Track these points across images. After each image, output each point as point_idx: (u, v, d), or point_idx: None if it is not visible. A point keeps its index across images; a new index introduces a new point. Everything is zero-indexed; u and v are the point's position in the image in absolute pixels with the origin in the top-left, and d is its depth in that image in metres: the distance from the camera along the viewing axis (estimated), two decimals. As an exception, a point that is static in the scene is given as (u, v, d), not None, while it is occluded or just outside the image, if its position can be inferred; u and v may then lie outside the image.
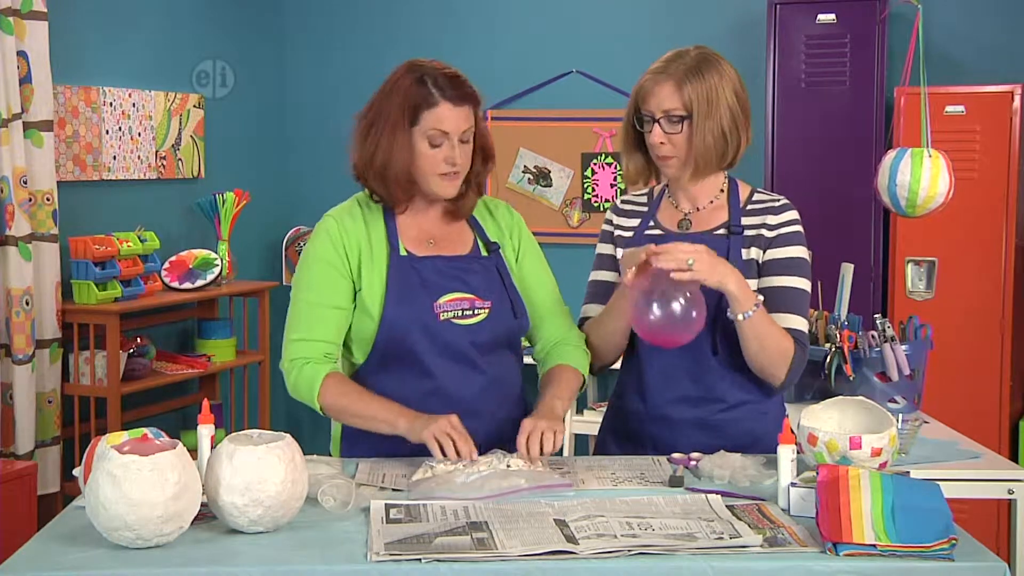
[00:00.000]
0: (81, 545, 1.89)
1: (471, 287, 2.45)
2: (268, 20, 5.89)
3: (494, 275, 2.49)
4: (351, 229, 2.45)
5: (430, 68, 2.42)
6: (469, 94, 2.42)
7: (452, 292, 2.43)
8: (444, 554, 1.83)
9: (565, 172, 5.64)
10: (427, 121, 2.38)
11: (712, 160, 2.44)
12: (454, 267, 2.46)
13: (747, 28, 5.21)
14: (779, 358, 2.40)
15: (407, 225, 2.49)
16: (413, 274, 2.43)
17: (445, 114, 2.38)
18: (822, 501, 1.92)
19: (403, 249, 2.46)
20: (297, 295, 2.47)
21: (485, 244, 2.53)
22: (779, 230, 2.48)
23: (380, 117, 2.41)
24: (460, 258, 2.48)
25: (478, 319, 2.44)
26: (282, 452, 1.96)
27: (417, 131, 2.39)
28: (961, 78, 4.81)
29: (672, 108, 2.41)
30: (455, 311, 2.42)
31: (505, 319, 2.47)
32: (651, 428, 2.50)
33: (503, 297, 2.48)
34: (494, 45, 5.69)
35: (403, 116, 2.38)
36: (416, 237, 2.49)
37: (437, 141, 2.38)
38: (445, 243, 2.50)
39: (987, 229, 4.61)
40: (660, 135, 2.43)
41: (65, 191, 4.49)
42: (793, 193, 2.84)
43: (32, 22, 4.23)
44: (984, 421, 4.52)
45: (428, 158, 2.39)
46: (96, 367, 4.41)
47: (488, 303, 2.45)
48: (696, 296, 2.27)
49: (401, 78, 2.42)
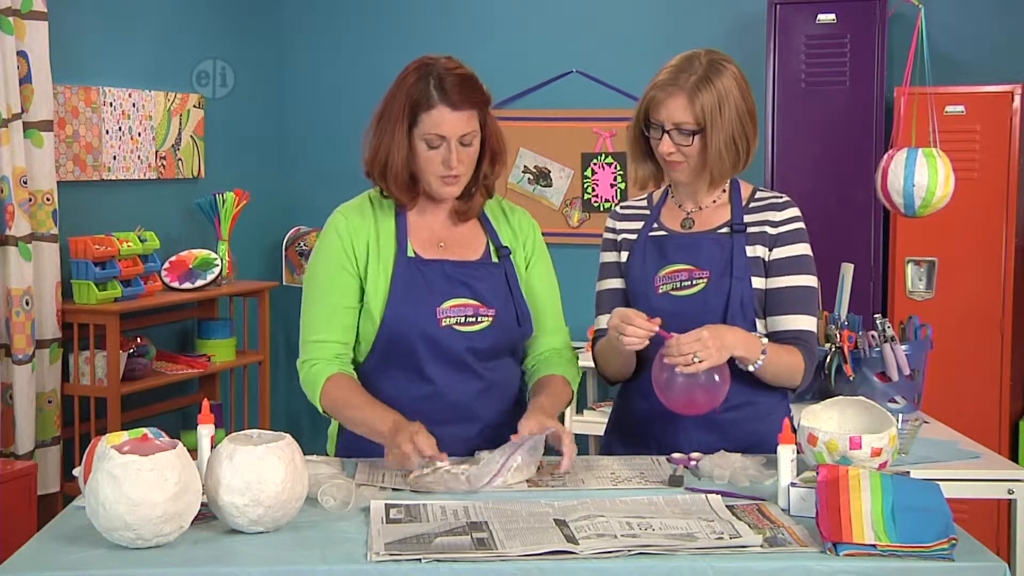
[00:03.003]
0: (81, 545, 1.89)
1: (477, 294, 2.43)
2: (268, 20, 5.89)
3: (501, 282, 2.47)
4: (360, 227, 2.45)
5: (438, 67, 2.37)
6: (472, 98, 2.37)
7: (457, 298, 2.42)
8: (444, 554, 1.83)
9: (565, 172, 5.63)
10: (424, 124, 2.36)
11: (727, 168, 2.44)
12: (461, 272, 2.44)
13: (747, 28, 5.21)
14: (792, 376, 2.45)
15: (418, 225, 2.48)
16: (418, 277, 2.41)
17: (442, 117, 2.35)
18: (822, 501, 1.92)
19: (411, 250, 2.44)
20: (309, 294, 2.46)
21: (496, 248, 2.51)
22: (783, 227, 2.48)
23: (385, 114, 2.40)
24: (468, 263, 2.46)
25: (481, 327, 2.42)
26: (282, 452, 1.96)
27: (416, 132, 2.37)
28: (961, 78, 4.81)
29: (684, 122, 2.40)
30: (458, 317, 2.41)
31: (508, 327, 2.46)
32: (656, 428, 2.50)
33: (508, 305, 2.46)
34: (494, 45, 5.68)
35: (403, 115, 2.36)
36: (427, 239, 2.47)
37: (435, 144, 2.36)
38: (456, 246, 2.48)
39: (987, 229, 4.60)
40: (670, 145, 2.42)
41: (65, 191, 4.49)
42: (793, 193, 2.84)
43: (32, 22, 4.23)
44: (984, 421, 4.52)
45: (426, 159, 2.38)
46: (96, 367, 4.41)
47: (492, 311, 2.44)
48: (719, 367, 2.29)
49: (409, 75, 2.39)
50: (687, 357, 2.24)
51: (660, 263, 2.49)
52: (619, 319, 2.32)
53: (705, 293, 2.45)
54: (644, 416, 2.52)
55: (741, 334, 2.36)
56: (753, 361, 2.37)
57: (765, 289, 2.47)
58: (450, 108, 2.35)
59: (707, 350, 2.25)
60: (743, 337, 2.35)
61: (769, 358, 2.38)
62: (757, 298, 2.46)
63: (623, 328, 2.31)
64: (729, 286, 2.43)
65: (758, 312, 2.47)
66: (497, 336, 2.44)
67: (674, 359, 2.26)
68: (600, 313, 2.60)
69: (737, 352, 2.33)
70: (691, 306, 2.43)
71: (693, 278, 2.46)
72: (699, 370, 2.26)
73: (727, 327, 2.36)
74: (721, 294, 2.43)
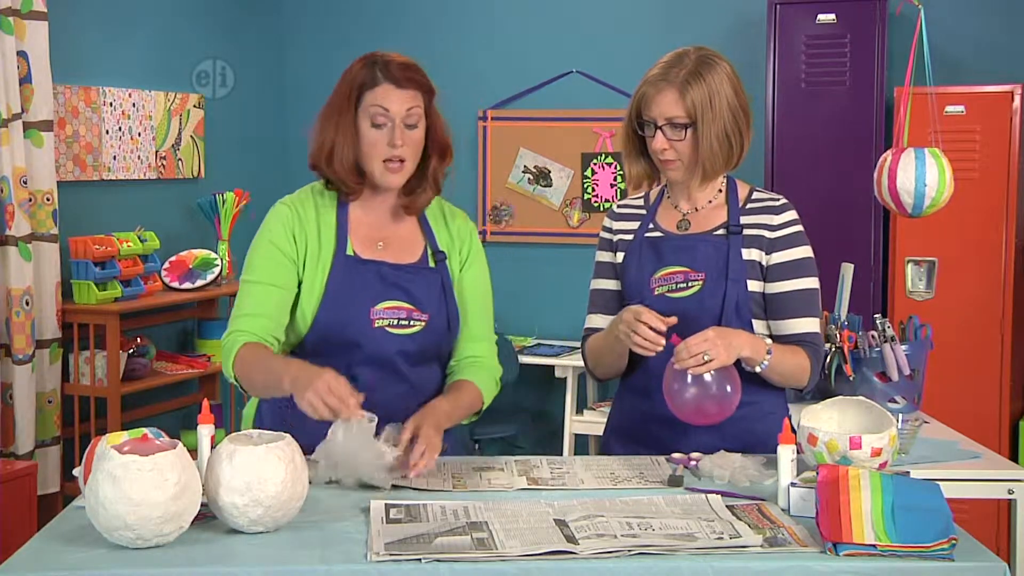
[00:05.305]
0: (81, 545, 1.89)
1: (412, 298, 2.43)
2: (268, 20, 5.89)
3: (437, 288, 2.47)
4: (303, 218, 2.45)
5: (383, 56, 2.44)
6: (416, 79, 2.41)
7: (391, 300, 2.42)
8: (444, 554, 1.83)
9: (565, 172, 5.63)
10: (368, 100, 2.39)
11: (719, 163, 2.44)
12: (397, 275, 2.44)
13: (747, 28, 5.21)
14: (798, 377, 2.47)
15: (359, 222, 2.48)
16: (355, 277, 2.41)
17: (387, 94, 2.38)
18: (822, 501, 1.92)
19: (350, 248, 2.45)
20: (247, 275, 2.46)
21: (433, 252, 2.51)
22: (780, 231, 2.48)
23: (330, 105, 2.44)
24: (405, 267, 2.46)
25: (413, 330, 2.43)
26: (282, 452, 1.96)
27: (360, 112, 2.40)
28: (961, 78, 4.81)
29: (675, 116, 2.41)
30: (391, 319, 2.41)
31: (439, 332, 2.46)
32: (656, 428, 2.50)
33: (441, 311, 2.46)
34: (494, 45, 5.69)
35: (349, 99, 2.40)
36: (366, 236, 2.47)
37: (378, 121, 2.38)
38: (395, 247, 2.48)
39: (987, 229, 4.61)
40: (663, 142, 2.43)
41: (65, 191, 4.49)
42: (793, 193, 2.84)
43: (32, 22, 4.23)
44: (984, 421, 4.52)
45: (371, 142, 2.39)
46: (96, 367, 4.41)
47: (426, 316, 2.44)
48: (728, 374, 2.30)
49: (354, 65, 2.45)
50: (697, 358, 2.25)
51: (656, 265, 2.50)
52: (632, 315, 2.33)
53: (701, 295, 2.45)
54: (643, 416, 2.52)
55: (746, 335, 2.37)
56: (759, 362, 2.38)
57: (768, 294, 2.47)
58: (395, 86, 2.39)
59: (715, 348, 2.26)
60: (749, 338, 2.37)
61: (774, 359, 2.39)
62: (753, 301, 2.46)
63: (635, 326, 2.31)
64: (725, 288, 2.44)
65: (755, 314, 2.47)
66: (428, 340, 2.44)
67: (684, 362, 2.26)
68: (592, 312, 2.60)
69: (744, 352, 2.34)
70: (686, 308, 2.43)
71: (689, 280, 2.46)
72: (709, 369, 2.26)
73: (732, 329, 2.37)
74: (717, 296, 2.43)
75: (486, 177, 5.74)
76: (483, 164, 5.75)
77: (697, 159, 2.43)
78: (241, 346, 2.37)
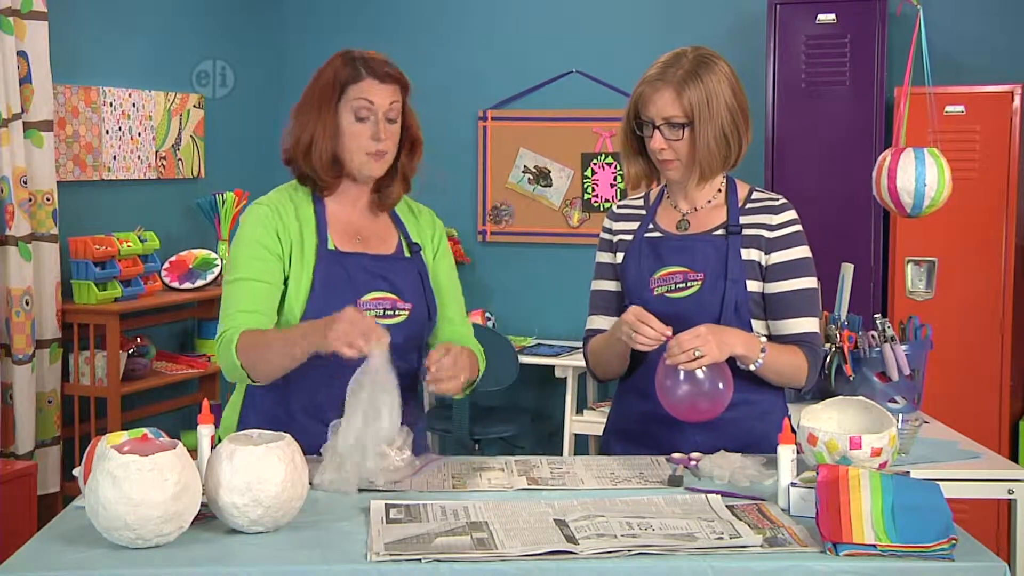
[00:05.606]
0: (81, 545, 1.89)
1: (395, 288, 2.47)
2: (268, 20, 5.89)
3: (416, 277, 2.52)
4: (284, 216, 2.47)
5: (359, 52, 2.48)
6: (395, 75, 2.46)
7: (376, 291, 2.45)
8: (444, 554, 1.83)
9: (565, 172, 5.63)
10: (352, 93, 2.42)
11: (717, 163, 2.44)
12: (379, 266, 2.48)
13: (747, 28, 5.21)
14: (795, 376, 2.47)
15: (335, 217, 2.51)
16: (340, 270, 2.44)
17: (371, 87, 2.42)
18: (822, 501, 1.92)
19: (331, 242, 2.47)
20: (233, 274, 2.45)
21: (408, 244, 2.55)
22: (779, 231, 2.48)
23: (307, 101, 2.47)
24: (385, 258, 2.50)
25: (398, 320, 2.45)
26: (282, 452, 1.96)
27: (343, 106, 2.43)
28: (961, 78, 4.81)
29: (673, 115, 2.41)
30: (377, 310, 2.44)
31: (421, 321, 2.50)
32: (655, 428, 2.50)
33: (421, 300, 2.51)
34: (494, 44, 5.69)
35: (331, 94, 2.43)
36: (344, 231, 2.50)
37: (362, 114, 2.42)
38: (372, 240, 2.52)
39: (987, 229, 4.61)
40: (661, 141, 2.43)
41: (65, 191, 4.49)
42: (793, 193, 2.84)
43: (32, 22, 4.23)
44: (984, 421, 4.52)
45: (354, 135, 2.43)
46: (96, 367, 4.41)
47: (409, 305, 2.48)
48: (720, 371, 2.30)
49: (333, 60, 2.48)
50: (688, 354, 2.26)
51: (655, 265, 2.50)
52: (635, 316, 2.33)
53: (700, 295, 2.45)
54: (643, 416, 2.52)
55: (740, 333, 2.37)
56: (753, 360, 2.38)
57: (767, 294, 2.47)
58: (378, 81, 2.43)
59: (707, 345, 2.26)
60: (743, 336, 2.36)
61: (769, 357, 2.39)
62: (752, 301, 2.47)
63: (638, 326, 2.32)
64: (724, 288, 2.44)
65: (754, 314, 2.47)
66: (412, 330, 2.48)
67: (676, 358, 2.27)
68: (593, 313, 2.61)
69: (737, 351, 2.34)
70: (686, 308, 2.43)
71: (688, 280, 2.46)
72: (700, 365, 2.26)
73: (725, 327, 2.37)
74: (716, 296, 2.43)
75: (486, 177, 5.74)
76: (483, 164, 5.75)
77: (695, 159, 2.43)
78: (239, 335, 2.38)
